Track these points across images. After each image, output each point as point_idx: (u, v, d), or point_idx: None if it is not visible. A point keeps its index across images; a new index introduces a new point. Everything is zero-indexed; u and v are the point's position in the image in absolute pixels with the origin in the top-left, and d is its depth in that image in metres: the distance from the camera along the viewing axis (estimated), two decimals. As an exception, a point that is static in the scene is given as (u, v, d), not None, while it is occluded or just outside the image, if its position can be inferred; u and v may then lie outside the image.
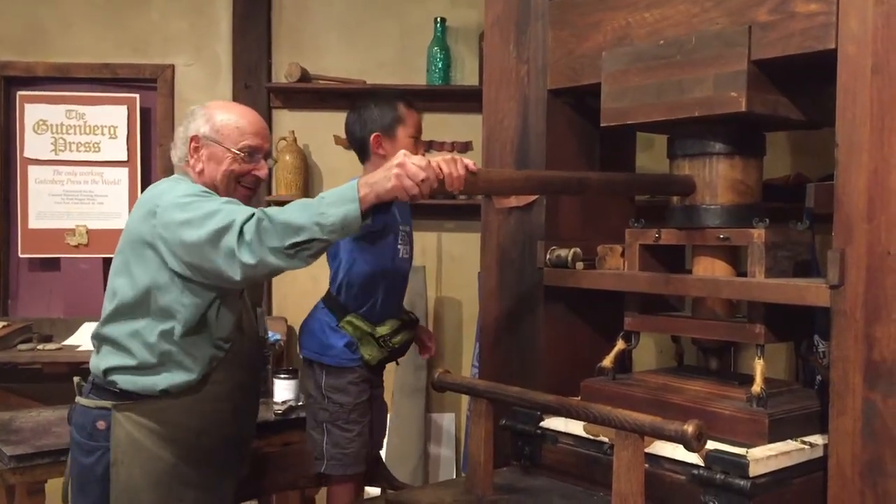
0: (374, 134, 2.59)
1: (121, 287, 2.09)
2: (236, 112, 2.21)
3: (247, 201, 2.16)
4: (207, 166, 2.16)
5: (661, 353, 3.89)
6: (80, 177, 4.41)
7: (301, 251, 1.83)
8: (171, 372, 2.07)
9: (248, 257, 1.85)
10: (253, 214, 1.87)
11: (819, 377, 2.34)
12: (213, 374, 2.10)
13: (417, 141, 2.64)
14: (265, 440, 2.92)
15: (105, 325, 2.12)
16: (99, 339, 2.14)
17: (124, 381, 2.08)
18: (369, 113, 2.62)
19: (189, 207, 1.97)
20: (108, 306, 2.13)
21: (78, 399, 2.17)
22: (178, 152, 2.21)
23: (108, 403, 2.08)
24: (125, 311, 2.08)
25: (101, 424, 2.08)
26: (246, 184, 2.20)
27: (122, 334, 2.08)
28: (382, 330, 2.53)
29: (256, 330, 2.28)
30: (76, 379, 2.24)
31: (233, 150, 2.15)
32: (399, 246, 2.57)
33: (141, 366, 2.07)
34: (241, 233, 1.85)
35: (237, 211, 1.91)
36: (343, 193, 1.81)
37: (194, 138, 2.16)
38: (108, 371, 2.09)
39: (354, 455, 2.45)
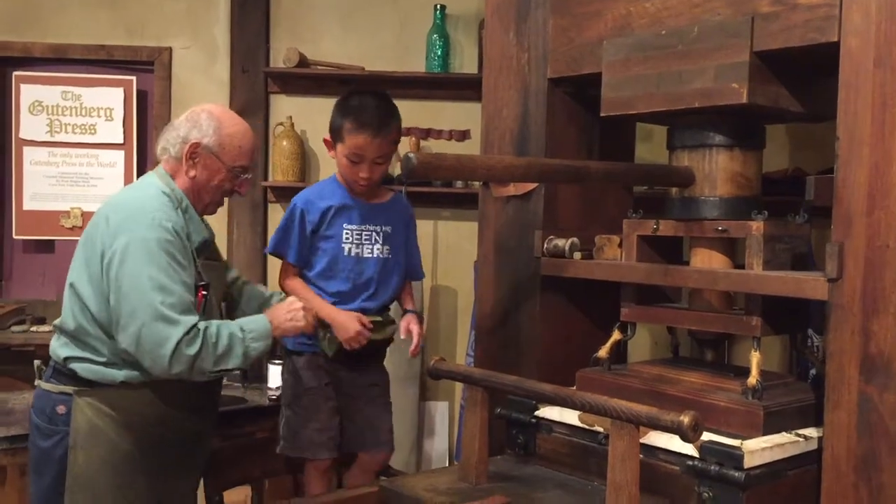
0: (326, 137, 2.51)
1: (81, 286, 2.14)
2: (240, 129, 2.29)
3: (216, 210, 2.35)
4: (200, 174, 2.23)
5: (655, 345, 3.89)
6: (75, 159, 4.38)
7: (220, 374, 2.14)
8: (130, 368, 2.12)
9: (177, 369, 2.04)
10: (195, 331, 2.04)
11: (813, 371, 2.35)
12: None
13: (359, 165, 2.38)
14: (258, 425, 2.93)
15: (66, 319, 2.15)
16: (59, 330, 2.18)
17: (83, 370, 2.13)
18: (335, 108, 2.48)
19: (146, 280, 2.04)
20: (69, 300, 2.16)
21: (38, 383, 2.22)
22: (170, 149, 2.24)
23: (69, 389, 2.13)
24: (86, 310, 2.12)
25: (61, 409, 2.13)
26: (227, 196, 2.33)
27: (83, 331, 2.12)
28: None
29: None
30: (37, 362, 2.30)
31: (229, 166, 2.24)
32: (353, 246, 2.41)
33: (100, 360, 2.12)
34: (177, 349, 2.02)
35: (181, 323, 2.03)
36: (261, 330, 2.16)
37: (195, 144, 2.20)
38: (67, 359, 2.14)
39: (307, 440, 2.39)
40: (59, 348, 2.16)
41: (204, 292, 2.17)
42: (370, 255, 2.43)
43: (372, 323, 2.38)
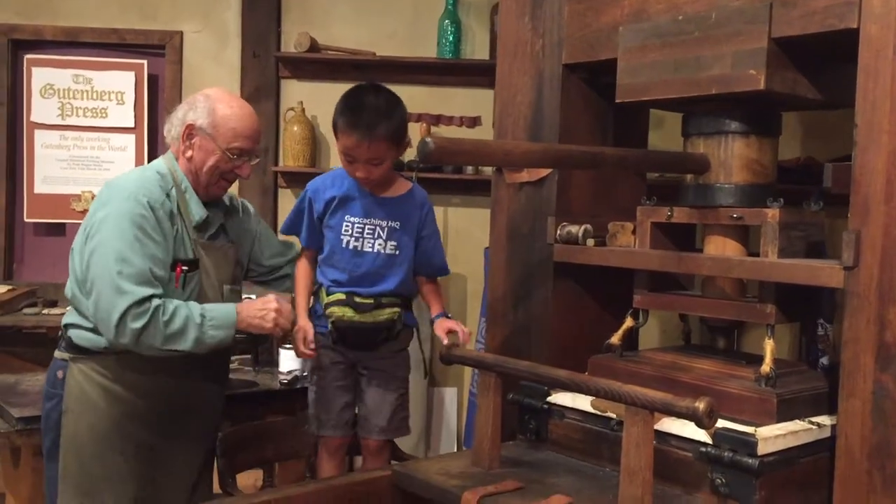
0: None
1: (75, 254, 2.23)
2: (236, 111, 2.29)
3: (222, 193, 2.37)
4: (197, 155, 2.27)
5: (664, 333, 3.89)
6: (86, 142, 4.40)
7: (172, 353, 2.13)
8: None
9: (122, 340, 2.08)
10: (147, 305, 2.07)
11: (822, 359, 2.35)
12: None
13: (354, 164, 2.25)
14: (269, 409, 2.94)
15: (71, 286, 2.25)
16: (69, 297, 2.28)
17: (77, 336, 2.24)
18: (339, 101, 2.35)
19: (110, 251, 2.11)
20: (70, 268, 2.26)
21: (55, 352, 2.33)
22: (172, 132, 2.32)
23: (66, 355, 2.25)
24: (75, 277, 2.23)
25: (59, 374, 2.26)
26: (228, 178, 2.32)
27: (75, 298, 2.23)
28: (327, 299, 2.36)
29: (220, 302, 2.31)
30: (60, 333, 2.36)
31: (223, 148, 2.25)
32: (352, 238, 2.31)
33: (87, 326, 2.21)
34: (122, 320, 2.06)
35: (130, 294, 2.07)
36: (225, 319, 2.17)
37: (190, 126, 2.26)
38: (67, 326, 2.26)
39: (315, 417, 2.39)
40: (65, 316, 2.29)
41: (184, 268, 2.21)
42: (370, 250, 2.31)
43: (361, 305, 2.30)
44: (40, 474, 2.40)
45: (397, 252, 2.32)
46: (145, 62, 4.42)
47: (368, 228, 2.30)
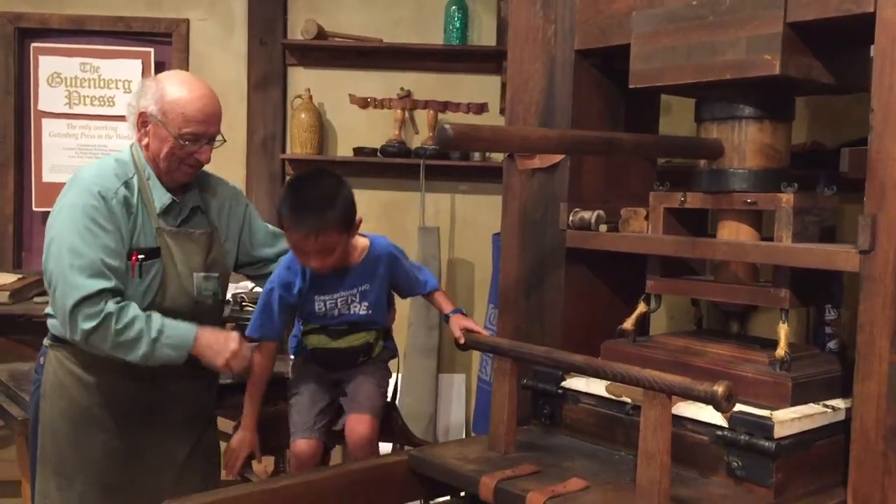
0: None
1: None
2: (185, 94, 2.19)
3: (190, 178, 2.29)
4: (152, 143, 2.22)
5: (672, 319, 3.89)
6: (94, 131, 4.40)
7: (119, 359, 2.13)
8: None
9: (74, 336, 2.10)
10: (102, 307, 2.07)
11: (830, 343, 2.36)
12: None
13: (306, 256, 2.14)
14: (281, 395, 2.95)
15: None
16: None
17: (52, 325, 2.29)
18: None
19: (63, 244, 2.11)
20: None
21: None
22: (129, 120, 2.27)
23: (48, 342, 2.32)
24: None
25: (42, 360, 2.33)
26: (188, 163, 2.25)
27: (47, 288, 2.23)
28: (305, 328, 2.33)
29: (189, 293, 2.29)
30: None
31: (175, 135, 2.18)
32: (328, 310, 2.25)
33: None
34: (73, 317, 2.07)
35: (82, 287, 2.06)
36: (181, 341, 2.15)
37: (143, 113, 2.21)
38: (47, 315, 2.30)
39: (291, 424, 2.33)
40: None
41: (140, 256, 2.19)
42: (346, 313, 2.26)
43: (335, 331, 2.26)
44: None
45: (370, 311, 2.27)
46: (152, 50, 4.41)
47: (341, 300, 2.24)
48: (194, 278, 2.30)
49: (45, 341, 2.33)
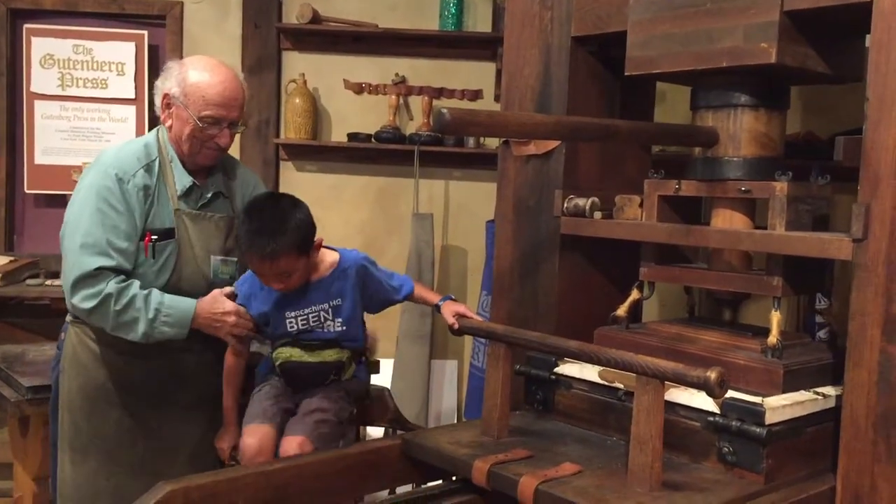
0: None
1: None
2: (207, 77, 2.24)
3: (213, 161, 2.32)
4: (175, 124, 2.27)
5: (664, 307, 3.90)
6: (87, 113, 4.38)
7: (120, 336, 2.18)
8: None
9: (77, 313, 2.19)
10: (102, 287, 2.11)
11: (820, 332, 2.37)
12: None
13: (265, 278, 2.15)
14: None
15: None
16: None
17: None
18: None
19: (74, 222, 2.19)
20: None
21: None
22: (156, 102, 2.32)
23: (69, 318, 2.35)
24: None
25: (62, 335, 2.37)
26: (209, 147, 2.28)
27: None
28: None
29: (206, 275, 2.31)
30: None
31: (195, 116, 2.22)
32: (300, 325, 2.21)
33: None
34: (74, 293, 2.13)
35: (84, 265, 2.12)
36: (180, 317, 2.18)
37: (166, 95, 2.27)
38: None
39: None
40: None
41: (154, 237, 2.22)
42: (320, 330, 2.22)
43: (308, 345, 2.21)
44: (49, 444, 2.42)
45: (344, 328, 2.23)
46: (146, 33, 4.39)
47: (313, 316, 2.21)
48: (211, 261, 2.33)
49: (67, 317, 2.36)
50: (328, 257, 2.25)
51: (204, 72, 2.25)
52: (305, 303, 2.21)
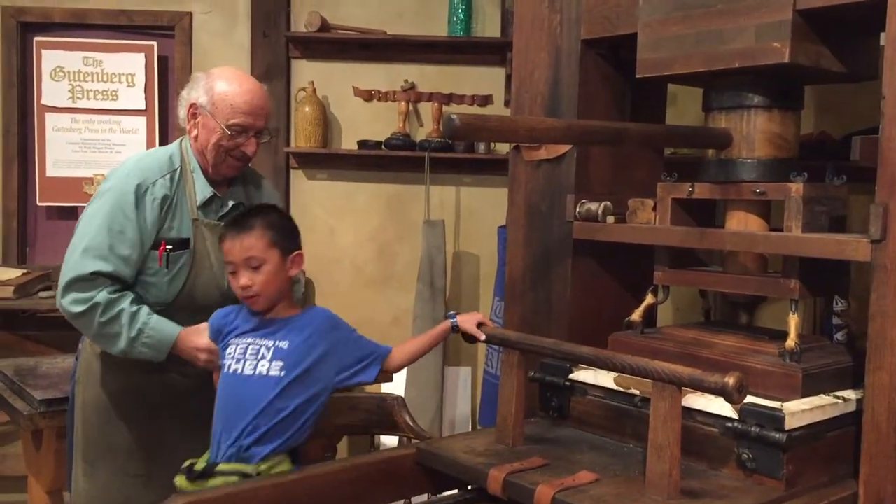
0: None
1: None
2: (235, 87, 2.26)
3: (237, 172, 2.33)
4: (201, 133, 2.28)
5: (677, 311, 3.88)
6: (97, 125, 4.38)
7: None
8: None
9: (65, 314, 2.17)
10: (92, 295, 2.12)
11: (838, 335, 2.34)
12: None
13: (233, 276, 2.07)
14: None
15: None
16: None
17: None
18: None
19: (83, 227, 2.20)
20: None
21: None
22: (181, 113, 2.34)
23: None
24: None
25: (80, 346, 2.39)
26: (235, 156, 2.29)
27: None
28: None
29: (220, 286, 2.29)
30: None
31: (223, 125, 2.23)
32: (233, 361, 2.05)
33: None
34: (65, 295, 2.14)
35: (77, 268, 2.13)
36: (161, 341, 2.16)
37: (193, 104, 2.28)
38: None
39: None
40: None
41: (169, 247, 2.23)
42: (251, 373, 2.00)
43: (202, 474, 1.94)
44: (62, 457, 2.42)
45: (283, 373, 2.01)
46: (155, 44, 4.39)
47: (252, 348, 2.05)
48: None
49: None
50: (300, 303, 2.24)
51: (232, 81, 2.27)
52: (254, 329, 2.08)
